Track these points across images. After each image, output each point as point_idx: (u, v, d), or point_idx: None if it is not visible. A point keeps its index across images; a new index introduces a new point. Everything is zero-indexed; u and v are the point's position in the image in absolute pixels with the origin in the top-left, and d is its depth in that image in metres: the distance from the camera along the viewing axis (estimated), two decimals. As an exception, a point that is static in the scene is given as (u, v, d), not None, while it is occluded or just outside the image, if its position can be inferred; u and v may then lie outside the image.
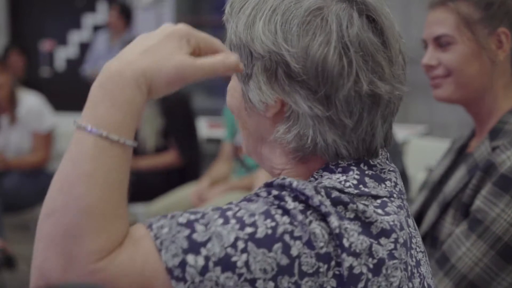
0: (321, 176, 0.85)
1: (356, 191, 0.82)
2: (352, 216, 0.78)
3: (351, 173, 0.84)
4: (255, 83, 0.85)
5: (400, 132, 3.22)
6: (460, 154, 1.51)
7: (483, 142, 1.39)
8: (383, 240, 0.79)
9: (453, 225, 1.35)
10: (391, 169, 0.88)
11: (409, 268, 0.82)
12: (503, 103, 1.42)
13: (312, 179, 0.86)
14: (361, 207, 0.79)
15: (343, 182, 0.82)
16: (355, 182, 0.83)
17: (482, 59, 1.39)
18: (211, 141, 4.60)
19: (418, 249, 0.87)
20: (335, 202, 0.78)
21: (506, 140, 1.33)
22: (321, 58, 0.80)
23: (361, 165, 0.85)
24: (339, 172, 0.84)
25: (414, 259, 0.84)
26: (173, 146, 3.70)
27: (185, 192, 3.38)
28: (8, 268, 3.38)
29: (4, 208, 3.53)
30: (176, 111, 3.69)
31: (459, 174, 1.40)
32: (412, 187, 2.43)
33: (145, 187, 3.60)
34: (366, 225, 0.78)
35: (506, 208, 1.26)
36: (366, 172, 0.85)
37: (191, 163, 3.74)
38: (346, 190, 0.81)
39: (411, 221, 0.88)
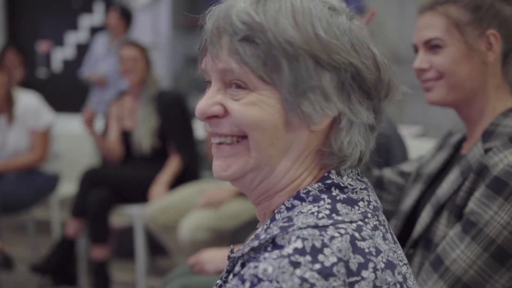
0: (292, 205, 0.85)
1: (330, 222, 0.81)
2: (335, 259, 0.77)
3: (322, 202, 0.83)
4: (319, 95, 0.83)
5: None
6: (455, 151, 1.52)
7: (476, 144, 1.39)
8: (364, 273, 0.78)
9: (447, 227, 1.36)
10: (362, 187, 0.88)
11: (398, 286, 0.82)
12: (494, 104, 1.43)
13: (282, 208, 0.85)
14: (335, 247, 0.78)
15: (315, 214, 0.82)
16: (327, 212, 0.82)
17: (473, 61, 1.41)
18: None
19: (401, 263, 0.87)
20: (315, 252, 0.76)
21: (499, 142, 1.34)
22: (388, 69, 0.85)
23: (332, 189, 0.85)
24: (309, 202, 0.84)
25: (401, 275, 0.84)
26: (173, 150, 3.65)
27: (183, 193, 3.35)
28: (5, 269, 3.38)
29: (1, 209, 3.53)
30: (172, 111, 3.66)
31: (453, 176, 1.40)
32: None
33: (141, 188, 3.59)
34: (347, 263, 0.78)
35: (499, 210, 1.27)
36: (338, 197, 0.84)
37: (188, 163, 3.71)
38: (321, 223, 0.80)
39: (389, 235, 0.88)
